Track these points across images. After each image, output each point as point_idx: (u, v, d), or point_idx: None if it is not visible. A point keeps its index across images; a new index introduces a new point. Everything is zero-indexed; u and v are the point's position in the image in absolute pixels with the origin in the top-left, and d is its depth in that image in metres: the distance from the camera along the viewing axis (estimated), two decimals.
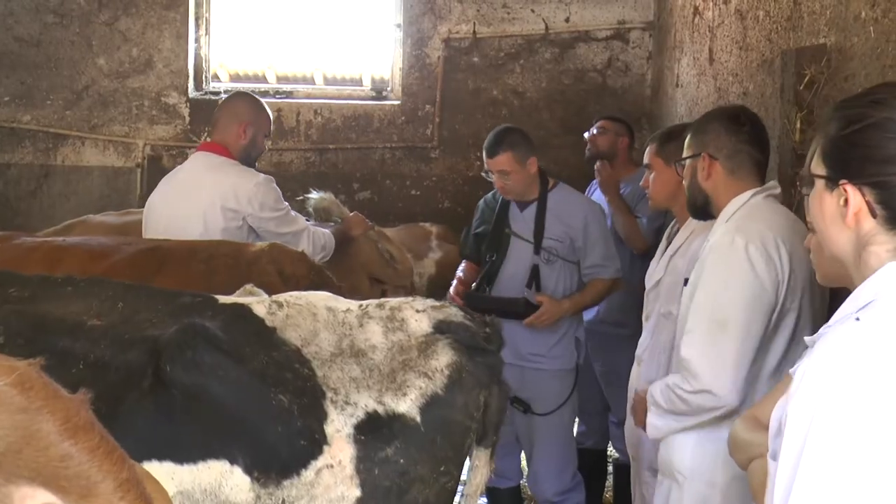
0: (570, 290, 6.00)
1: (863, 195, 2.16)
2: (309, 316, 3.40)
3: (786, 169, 4.72)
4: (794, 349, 3.68)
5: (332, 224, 5.97)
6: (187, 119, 8.79)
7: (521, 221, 6.05)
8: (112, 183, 8.81)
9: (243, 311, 3.40)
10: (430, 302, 3.54)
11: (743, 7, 5.75)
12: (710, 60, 6.46)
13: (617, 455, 7.03)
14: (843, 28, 4.25)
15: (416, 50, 8.78)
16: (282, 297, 3.50)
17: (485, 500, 6.76)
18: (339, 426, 3.19)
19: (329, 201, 6.18)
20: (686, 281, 4.09)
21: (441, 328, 3.42)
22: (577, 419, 6.52)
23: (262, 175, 5.35)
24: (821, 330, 2.20)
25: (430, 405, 3.28)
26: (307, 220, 5.76)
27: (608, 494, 7.27)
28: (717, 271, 3.78)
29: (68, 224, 6.58)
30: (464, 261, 6.47)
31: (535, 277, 5.96)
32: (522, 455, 6.44)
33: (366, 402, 3.23)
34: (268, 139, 5.64)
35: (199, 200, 5.18)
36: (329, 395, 3.22)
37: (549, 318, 5.90)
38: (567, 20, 8.75)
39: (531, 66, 8.78)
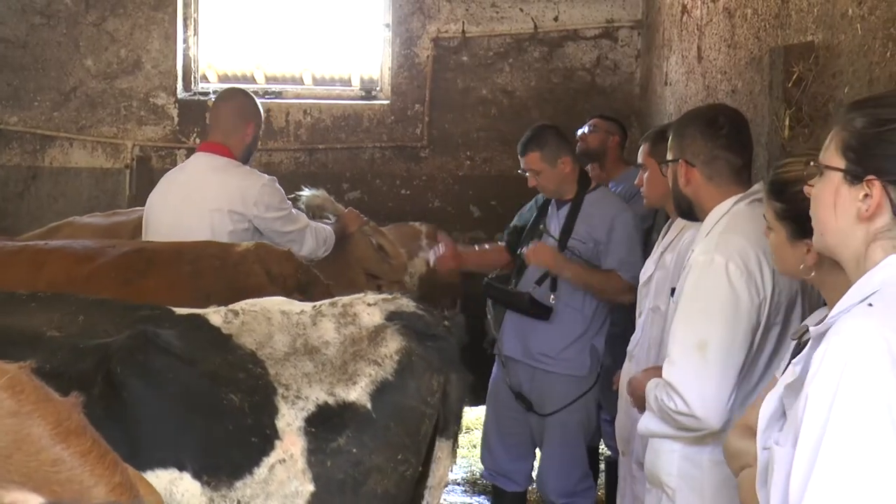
0: (589, 294, 5.96)
1: (887, 192, 2.19)
2: (264, 321, 3.45)
3: None
4: (778, 363, 3.64)
5: (327, 220, 5.97)
6: (176, 120, 8.76)
7: (555, 219, 6.09)
8: (101, 184, 8.78)
9: (199, 321, 3.45)
10: (382, 295, 3.60)
11: (731, 5, 5.75)
12: (698, 58, 6.45)
13: (609, 452, 7.03)
14: (831, 25, 4.24)
15: (405, 49, 8.76)
16: (237, 305, 3.54)
17: (481, 499, 6.76)
18: (291, 420, 3.22)
19: (322, 198, 6.18)
20: (676, 278, 4.08)
21: (392, 318, 3.46)
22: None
23: (266, 176, 5.36)
24: (827, 320, 2.21)
25: (380, 391, 3.30)
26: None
27: (601, 492, 7.27)
28: (696, 292, 3.72)
29: (53, 226, 6.51)
30: (499, 242, 6.52)
31: (548, 275, 5.94)
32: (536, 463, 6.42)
33: (317, 395, 3.27)
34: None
35: (204, 204, 5.17)
36: (280, 391, 3.26)
37: (538, 253, 5.89)
38: (556, 19, 8.74)
39: (520, 65, 8.77)
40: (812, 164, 2.40)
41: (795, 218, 2.99)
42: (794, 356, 3.11)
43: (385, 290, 5.87)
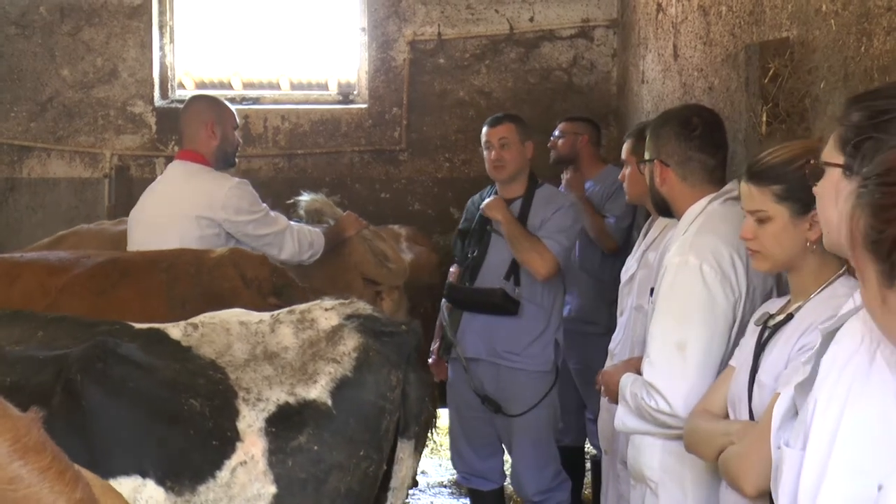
0: (551, 285, 5.98)
1: None
2: (223, 332, 3.48)
3: None
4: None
5: (325, 225, 5.94)
6: (154, 128, 8.73)
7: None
8: (80, 194, 8.73)
9: (159, 335, 3.47)
10: (339, 301, 3.62)
11: (706, 3, 5.76)
12: (674, 56, 6.46)
13: (594, 451, 7.03)
14: (805, 21, 4.25)
15: (381, 53, 8.75)
16: (196, 319, 3.56)
17: (468, 501, 6.76)
18: (251, 421, 3.23)
19: (321, 202, 6.16)
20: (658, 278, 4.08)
21: (350, 318, 3.48)
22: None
23: (235, 179, 5.30)
24: (834, 321, 2.21)
25: (339, 388, 3.32)
26: (298, 221, 5.75)
27: (587, 491, 7.28)
28: (673, 293, 3.77)
29: (60, 235, 6.42)
30: (454, 265, 6.49)
31: (514, 270, 5.98)
32: (507, 457, 6.43)
33: (277, 396, 3.30)
34: (236, 130, 5.59)
35: (175, 211, 5.15)
36: (241, 394, 3.28)
37: (492, 207, 6.04)
38: (531, 20, 8.75)
39: (497, 67, 8.78)
40: (813, 162, 2.40)
41: (796, 195, 3.03)
42: (760, 343, 3.15)
43: (385, 295, 5.95)
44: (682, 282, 3.73)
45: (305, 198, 6.16)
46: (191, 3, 8.99)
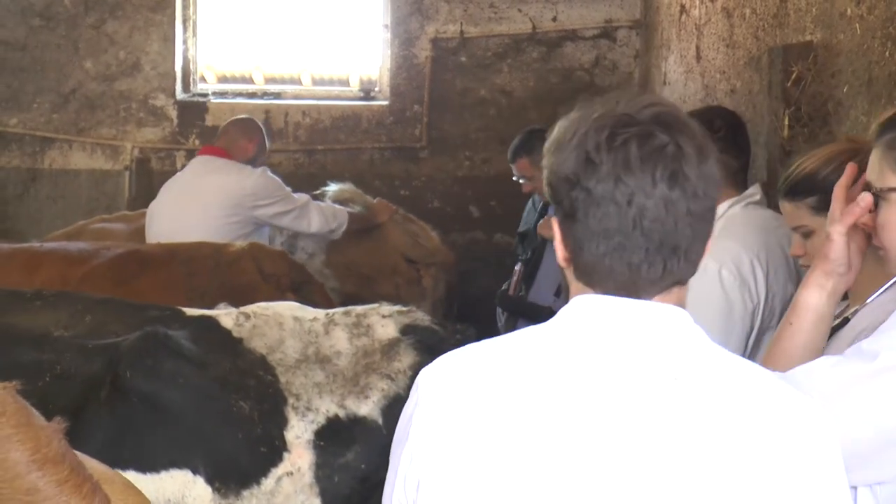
0: None
1: None
2: (275, 325, 3.39)
3: (774, 165, 4.70)
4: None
5: (353, 208, 6.10)
6: (175, 121, 8.75)
7: None
8: (100, 186, 8.77)
9: (210, 323, 3.40)
10: (397, 307, 3.52)
11: (729, 5, 5.74)
12: (697, 58, 6.44)
13: None
14: (830, 25, 4.23)
15: (403, 50, 8.75)
16: (249, 308, 3.49)
17: None
18: (300, 432, 3.17)
19: (351, 192, 6.29)
20: None
21: (407, 332, 3.39)
22: None
23: (258, 169, 5.55)
24: (882, 338, 2.20)
25: (392, 407, 3.21)
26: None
27: None
28: (691, 298, 3.71)
29: (81, 225, 6.44)
30: (518, 263, 6.52)
31: (564, 289, 5.94)
32: None
33: (327, 407, 3.21)
34: (265, 159, 5.85)
35: (202, 202, 5.21)
36: (291, 400, 3.20)
37: (544, 227, 5.92)
38: (554, 19, 8.73)
39: (519, 66, 8.76)
40: (871, 192, 2.36)
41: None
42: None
43: (423, 272, 6.01)
44: (700, 287, 3.66)
45: (333, 187, 6.26)
46: None
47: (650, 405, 1.79)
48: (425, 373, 1.98)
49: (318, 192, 6.27)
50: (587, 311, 1.88)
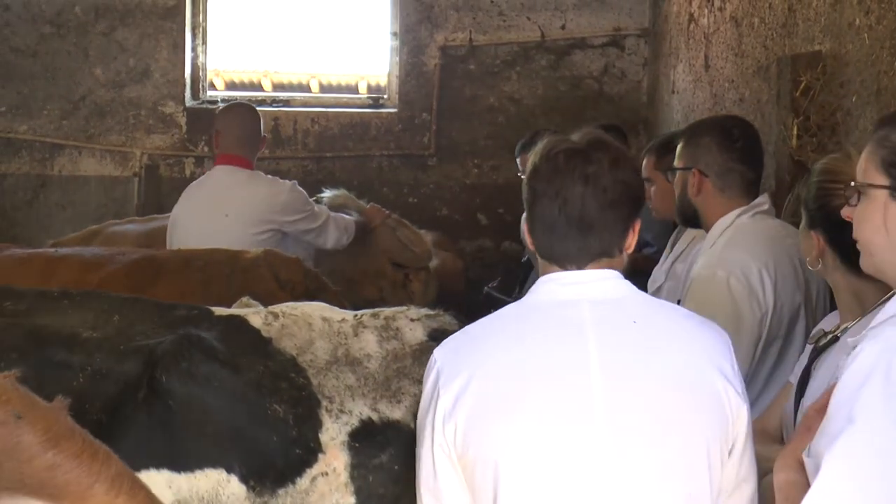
0: None
1: None
2: (304, 326, 3.39)
3: (783, 175, 4.72)
4: (779, 375, 3.62)
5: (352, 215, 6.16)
6: (184, 128, 8.79)
7: None
8: (109, 192, 8.80)
9: (239, 323, 3.38)
10: (425, 311, 3.51)
11: (738, 14, 5.76)
12: (705, 67, 6.47)
13: None
14: (838, 35, 4.26)
15: (412, 58, 8.78)
16: (277, 307, 3.48)
17: None
18: (334, 434, 3.18)
19: (344, 197, 6.35)
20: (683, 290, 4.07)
21: (436, 336, 3.39)
22: None
23: (288, 183, 5.56)
24: (869, 334, 2.21)
25: None
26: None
27: None
28: (699, 307, 3.67)
29: (92, 229, 6.46)
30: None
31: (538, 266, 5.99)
32: None
33: (360, 410, 3.21)
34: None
35: (232, 217, 5.23)
36: (324, 403, 3.21)
37: None
38: (563, 27, 8.76)
39: (527, 74, 8.79)
40: (853, 186, 2.38)
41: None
42: (811, 360, 3.11)
43: (412, 277, 6.06)
44: (708, 295, 3.68)
45: (328, 194, 6.32)
46: (223, 4, 9.04)
47: (622, 344, 2.42)
48: (440, 349, 2.66)
49: (313, 198, 6.31)
50: (548, 283, 2.55)
